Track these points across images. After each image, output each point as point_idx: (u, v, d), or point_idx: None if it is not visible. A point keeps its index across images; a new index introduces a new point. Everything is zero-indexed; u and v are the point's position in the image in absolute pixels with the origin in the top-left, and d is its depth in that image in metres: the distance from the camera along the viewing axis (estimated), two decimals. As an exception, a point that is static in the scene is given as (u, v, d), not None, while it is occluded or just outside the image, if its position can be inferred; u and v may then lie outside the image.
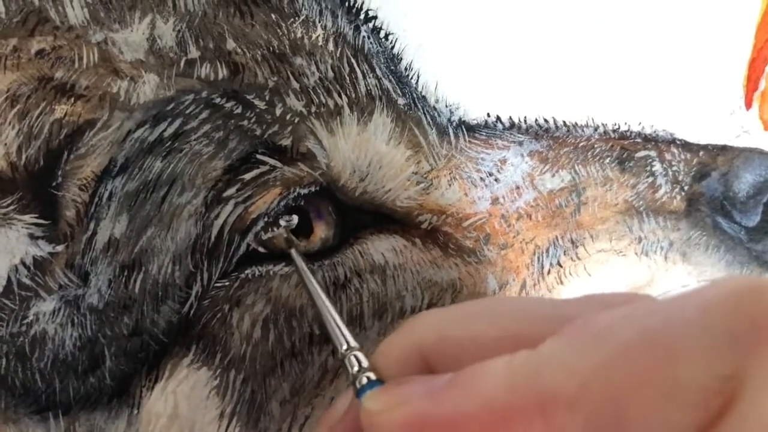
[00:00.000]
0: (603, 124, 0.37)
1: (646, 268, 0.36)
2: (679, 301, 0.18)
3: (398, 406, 0.21)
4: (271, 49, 0.33)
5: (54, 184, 0.31)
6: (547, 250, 0.35)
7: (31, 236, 0.30)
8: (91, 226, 0.31)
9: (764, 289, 0.17)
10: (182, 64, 0.32)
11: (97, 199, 0.31)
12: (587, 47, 0.37)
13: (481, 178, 0.35)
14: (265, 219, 0.32)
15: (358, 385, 0.24)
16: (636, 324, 0.18)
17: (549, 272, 0.35)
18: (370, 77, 0.34)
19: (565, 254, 0.35)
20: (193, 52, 0.32)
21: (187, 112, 0.32)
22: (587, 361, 0.18)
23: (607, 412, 0.17)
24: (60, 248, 0.31)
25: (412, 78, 0.35)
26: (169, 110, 0.31)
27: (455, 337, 0.22)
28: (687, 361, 0.17)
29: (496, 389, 0.19)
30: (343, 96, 0.33)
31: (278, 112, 0.32)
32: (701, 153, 0.37)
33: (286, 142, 0.32)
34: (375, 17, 0.36)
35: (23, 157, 0.30)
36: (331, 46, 0.34)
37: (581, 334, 0.19)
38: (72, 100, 0.31)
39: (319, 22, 0.34)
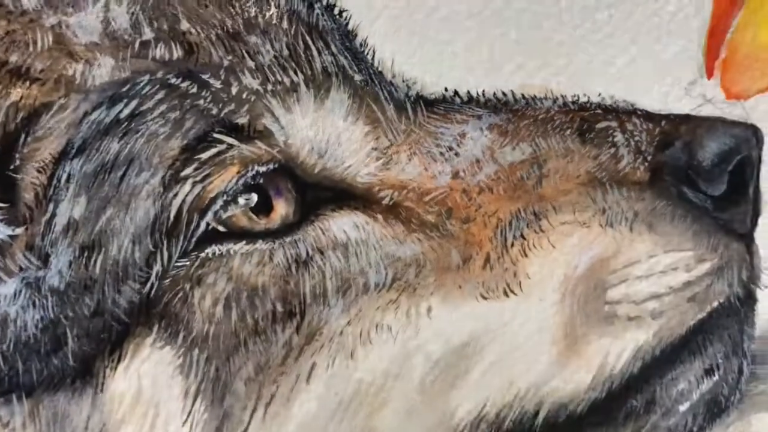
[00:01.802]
0: (562, 97, 0.39)
1: (612, 240, 0.38)
2: None
3: None
4: (225, 28, 0.35)
5: (12, 167, 0.33)
6: (510, 223, 0.37)
7: (-10, 219, 0.32)
8: (50, 207, 0.33)
9: None
10: (137, 45, 0.34)
11: (55, 181, 0.33)
12: (544, 19, 0.39)
13: (441, 153, 0.37)
14: (224, 198, 0.34)
15: None
16: None
17: (512, 245, 0.37)
18: (325, 54, 0.36)
19: (528, 227, 0.37)
20: (148, 34, 0.34)
21: (143, 92, 0.34)
22: None
23: None
24: (19, 231, 0.33)
25: (367, 54, 0.37)
26: (125, 91, 0.33)
27: None
28: None
29: None
30: (299, 73, 0.35)
31: (234, 90, 0.34)
32: (663, 122, 0.39)
33: (243, 120, 0.34)
34: (329, -6, 0.38)
35: (-20, 141, 0.32)
36: (285, 24, 0.36)
37: None
38: (27, 83, 0.33)
39: (273, 0, 0.36)
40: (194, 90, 0.34)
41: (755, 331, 0.40)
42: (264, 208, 0.35)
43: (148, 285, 0.34)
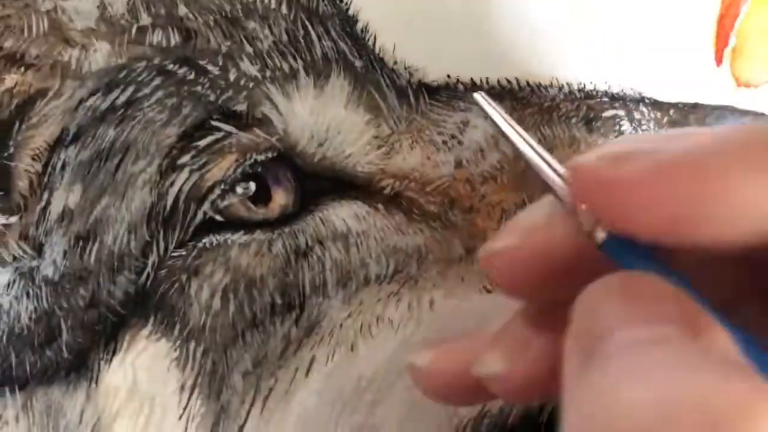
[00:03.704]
0: (568, 84, 0.40)
1: (619, 231, 0.38)
2: None
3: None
4: (223, 13, 0.36)
5: (6, 154, 0.33)
6: (515, 214, 0.37)
7: (-16, 208, 0.33)
8: (45, 196, 0.34)
9: None
10: (134, 31, 0.35)
11: (50, 169, 0.34)
12: (550, 3, 0.40)
13: (444, 141, 0.38)
14: (222, 186, 0.35)
15: None
16: None
17: (517, 236, 0.37)
18: (325, 39, 0.36)
19: (533, 218, 0.37)
20: (145, 19, 0.35)
21: (140, 79, 0.34)
22: None
23: None
24: (13, 219, 0.33)
25: (368, 40, 0.38)
26: (122, 78, 0.34)
27: None
28: None
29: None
30: (299, 59, 0.36)
31: (232, 77, 0.35)
32: (672, 111, 0.39)
33: (241, 107, 0.35)
34: (329, -21, 0.39)
35: (-27, 128, 0.33)
36: (284, 9, 0.36)
37: None
38: (22, 69, 0.34)
39: (272, -16, 0.36)
40: (192, 76, 0.35)
41: None
42: (262, 197, 0.36)
43: (144, 275, 0.34)
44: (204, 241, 0.35)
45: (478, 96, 0.28)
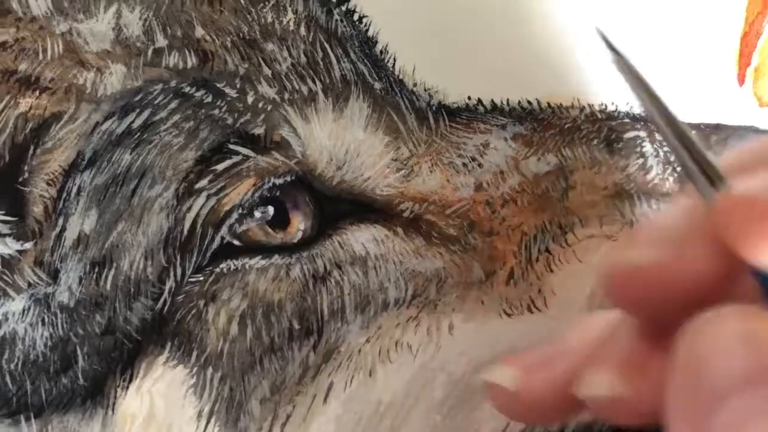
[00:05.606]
0: (589, 105, 0.40)
1: (640, 254, 0.38)
2: None
3: None
4: (241, 35, 0.35)
5: (20, 179, 0.33)
6: (535, 237, 0.37)
7: (-2, 234, 0.33)
8: (60, 221, 0.33)
9: None
10: (150, 53, 0.34)
11: (65, 194, 0.33)
12: (571, 25, 0.40)
13: (464, 164, 0.37)
14: (240, 211, 0.35)
15: None
16: None
17: (537, 259, 0.37)
18: (344, 61, 0.36)
19: (553, 240, 0.38)
20: (161, 41, 0.35)
21: (156, 102, 0.34)
22: None
23: None
24: (28, 245, 0.33)
25: (388, 61, 0.38)
26: (138, 101, 0.34)
27: None
28: None
29: None
30: (317, 81, 0.36)
31: (250, 99, 0.35)
32: (693, 132, 0.39)
33: (259, 130, 0.35)
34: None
35: (-13, 152, 0.33)
36: (303, 31, 0.36)
37: None
38: (37, 92, 0.33)
39: (290, 6, 0.36)
40: (209, 99, 0.34)
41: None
42: (281, 221, 0.36)
43: (161, 301, 0.34)
44: (221, 266, 0.35)
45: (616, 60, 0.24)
